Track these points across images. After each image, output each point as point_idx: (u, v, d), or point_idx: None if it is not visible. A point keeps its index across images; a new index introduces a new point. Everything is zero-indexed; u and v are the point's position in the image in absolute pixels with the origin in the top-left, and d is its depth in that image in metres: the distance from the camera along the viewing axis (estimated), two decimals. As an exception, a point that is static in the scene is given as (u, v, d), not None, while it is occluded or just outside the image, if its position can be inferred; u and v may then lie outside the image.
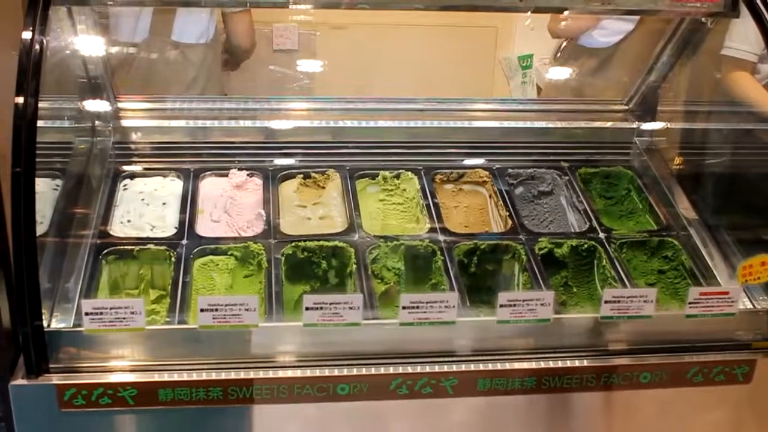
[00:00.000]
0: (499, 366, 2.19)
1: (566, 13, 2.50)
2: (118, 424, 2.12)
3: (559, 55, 4.12)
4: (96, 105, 2.73)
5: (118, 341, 2.08)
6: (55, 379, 2.03)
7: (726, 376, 2.27)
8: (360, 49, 3.91)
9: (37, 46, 2.00)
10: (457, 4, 2.33)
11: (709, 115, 3.23)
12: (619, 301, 2.16)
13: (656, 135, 2.99)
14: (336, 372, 2.13)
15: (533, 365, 2.20)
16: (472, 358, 2.19)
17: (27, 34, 2.01)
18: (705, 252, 2.55)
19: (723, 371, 2.27)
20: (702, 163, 2.98)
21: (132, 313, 1.98)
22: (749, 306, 2.36)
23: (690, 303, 2.19)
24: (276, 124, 2.86)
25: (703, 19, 2.66)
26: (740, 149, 2.95)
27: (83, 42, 2.55)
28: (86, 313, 1.98)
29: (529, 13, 3.39)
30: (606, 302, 2.16)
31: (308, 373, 2.11)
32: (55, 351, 2.05)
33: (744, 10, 2.32)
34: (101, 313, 1.98)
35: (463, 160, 2.90)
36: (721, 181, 2.80)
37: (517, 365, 2.20)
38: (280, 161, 2.81)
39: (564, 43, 4.46)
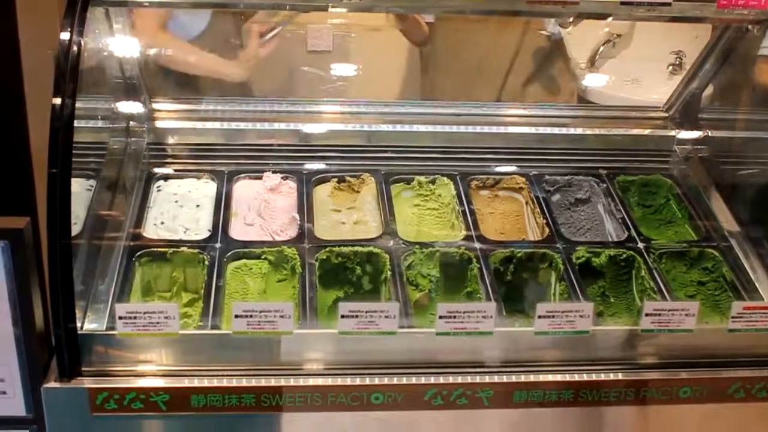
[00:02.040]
0: (534, 378, 2.15)
1: (610, 19, 2.47)
2: (150, 429, 2.10)
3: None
4: (130, 106, 2.71)
5: (151, 345, 2.07)
6: (88, 383, 2.01)
7: (768, 392, 2.22)
8: (395, 52, 3.87)
9: (75, 48, 1.99)
10: (499, 9, 2.29)
11: (752, 124, 3.17)
12: (660, 314, 2.12)
13: (696, 143, 2.94)
14: (369, 381, 2.10)
15: (570, 378, 2.16)
16: (508, 369, 2.15)
17: (65, 35, 1.99)
18: (747, 264, 2.50)
19: (766, 387, 2.21)
20: (743, 173, 2.92)
21: (166, 317, 1.96)
22: (793, 321, 2.30)
23: (733, 317, 2.14)
24: (310, 127, 2.85)
25: (749, 27, 2.61)
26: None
27: (120, 43, 2.54)
28: (120, 317, 1.96)
29: (571, 19, 3.38)
30: (647, 315, 2.12)
31: (342, 381, 2.09)
32: (88, 354, 2.03)
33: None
34: (135, 317, 1.96)
35: (499, 166, 2.86)
36: (763, 192, 2.74)
37: (553, 377, 2.16)
38: (314, 164, 2.78)
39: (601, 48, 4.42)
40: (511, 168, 2.85)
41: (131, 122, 2.71)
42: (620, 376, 2.18)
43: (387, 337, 2.05)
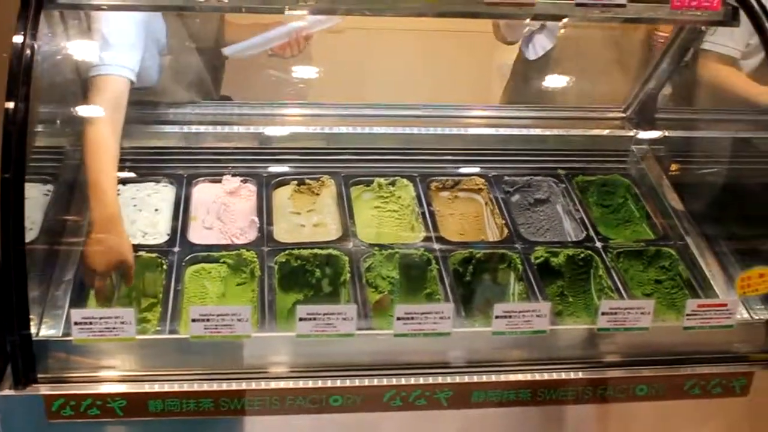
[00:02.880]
0: (494, 378, 2.16)
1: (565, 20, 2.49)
2: (108, 435, 2.09)
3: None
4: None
5: (108, 351, 2.05)
6: (43, 390, 1.99)
7: (723, 388, 2.25)
8: (356, 54, 3.88)
9: (28, 50, 1.97)
10: (455, 11, 2.30)
11: (708, 123, 3.21)
12: (616, 313, 2.14)
13: (654, 143, 2.97)
14: (329, 383, 2.10)
15: (528, 377, 2.18)
16: (466, 369, 2.16)
17: (18, 38, 1.98)
18: (702, 262, 2.53)
19: (720, 384, 2.24)
20: (700, 172, 2.96)
21: (122, 323, 1.95)
22: (747, 318, 2.33)
23: (688, 315, 2.17)
24: (270, 130, 2.84)
25: (703, 28, 2.64)
26: (739, 158, 2.93)
27: (75, 46, 2.51)
28: (75, 323, 1.94)
29: (528, 20, 3.39)
30: (603, 314, 2.13)
31: (301, 384, 2.09)
32: (44, 361, 2.01)
33: (743, 18, 2.30)
34: (91, 323, 1.94)
35: (459, 167, 2.87)
36: (719, 191, 2.77)
37: (512, 377, 2.17)
38: (274, 167, 2.78)
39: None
40: (470, 169, 2.86)
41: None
42: (578, 375, 2.20)
43: (345, 340, 2.05)
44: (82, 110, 2.47)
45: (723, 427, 2.32)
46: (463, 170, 2.86)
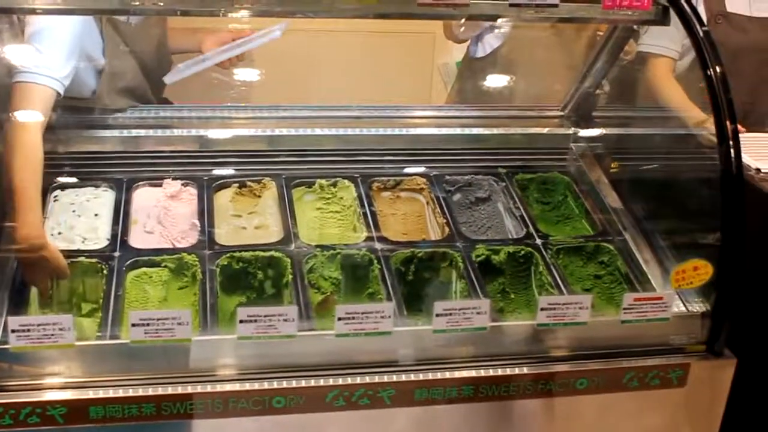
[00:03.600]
0: (437, 375, 2.18)
1: (499, 21, 2.52)
2: (49, 443, 2.07)
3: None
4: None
5: (47, 358, 2.03)
6: (-19, 399, 1.97)
7: (661, 380, 2.29)
8: (296, 56, 3.89)
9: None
10: (392, 12, 2.32)
11: (644, 121, 3.26)
12: (554, 308, 2.17)
13: (592, 140, 3.01)
14: (275, 384, 2.10)
15: (471, 374, 2.20)
16: (409, 368, 2.18)
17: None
18: (640, 257, 2.57)
19: (658, 375, 2.29)
20: (637, 168, 3.01)
21: (60, 329, 1.93)
22: (683, 310, 2.37)
23: (625, 309, 2.21)
24: (211, 133, 2.82)
25: (635, 27, 2.69)
26: (674, 154, 2.98)
27: (7, 50, 2.48)
28: (12, 330, 1.92)
29: (463, 21, 3.42)
30: (542, 309, 2.17)
31: (244, 386, 2.09)
32: (-19, 369, 1.99)
33: (674, 18, 2.35)
34: (28, 330, 1.92)
35: (400, 167, 2.88)
36: (655, 186, 2.82)
37: (455, 374, 2.19)
38: (214, 170, 2.77)
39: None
40: (411, 169, 2.88)
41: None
42: (519, 371, 2.23)
43: (288, 341, 2.05)
44: (6, 115, 2.42)
45: (662, 418, 2.37)
46: (405, 170, 2.88)
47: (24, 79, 2.41)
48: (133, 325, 1.97)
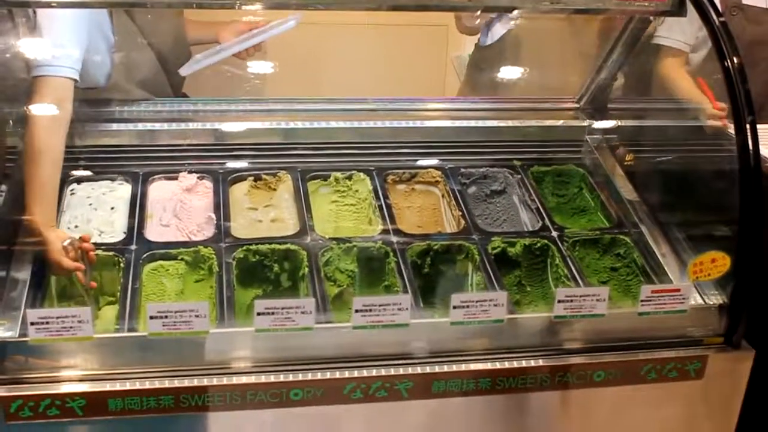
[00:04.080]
0: (453, 368, 2.18)
1: (515, 12, 2.51)
2: (68, 435, 2.08)
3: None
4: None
5: (66, 351, 2.04)
6: (1, 391, 1.98)
7: (679, 372, 2.29)
8: (311, 49, 3.88)
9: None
10: (406, 4, 2.31)
11: (659, 112, 3.25)
12: (572, 300, 2.16)
13: (607, 133, 3.00)
14: (289, 377, 2.10)
15: (488, 366, 2.20)
16: (426, 360, 2.18)
17: (-34, 38, 1.96)
18: (656, 249, 2.56)
19: (676, 368, 2.28)
20: (653, 160, 3.00)
21: (79, 321, 1.94)
22: (700, 302, 2.37)
23: (642, 301, 2.20)
24: (226, 126, 2.83)
25: (651, 18, 2.68)
26: (690, 146, 2.97)
27: (25, 44, 2.49)
28: (32, 323, 1.93)
29: (479, 12, 3.41)
30: (559, 302, 2.16)
31: (261, 379, 2.09)
32: (1, 362, 2.00)
33: (690, 9, 2.34)
34: (47, 323, 1.93)
35: (415, 160, 2.89)
36: (671, 178, 2.81)
37: (471, 366, 2.19)
38: (230, 163, 2.77)
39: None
40: (426, 162, 2.88)
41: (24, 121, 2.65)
42: (537, 363, 2.23)
43: (305, 333, 2.06)
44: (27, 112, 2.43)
45: (679, 410, 2.36)
46: (420, 163, 2.88)
47: (41, 72, 2.42)
48: (151, 317, 1.98)
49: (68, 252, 2.26)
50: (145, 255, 2.39)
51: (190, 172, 2.73)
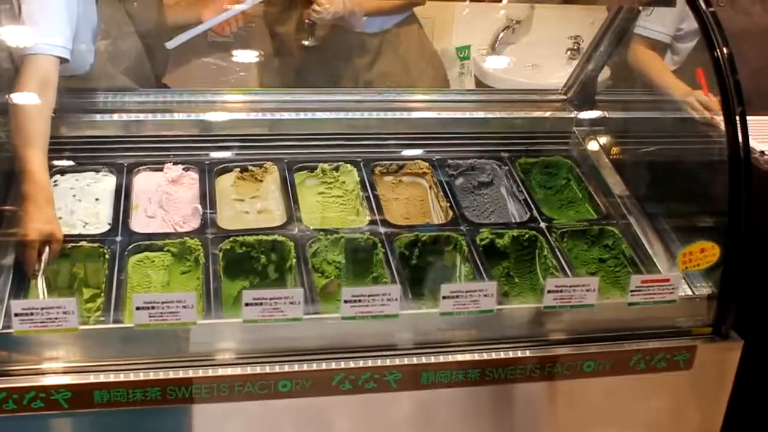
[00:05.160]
0: (442, 359, 2.17)
1: (505, 1, 2.50)
2: (53, 428, 2.05)
3: None
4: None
5: (51, 342, 2.01)
6: (-15, 384, 1.96)
7: (668, 362, 2.28)
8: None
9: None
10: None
11: (647, 104, 3.25)
12: (561, 291, 2.15)
13: (594, 124, 2.99)
14: (277, 369, 2.09)
15: (476, 357, 2.19)
16: (415, 351, 2.17)
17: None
18: (645, 240, 2.56)
19: (665, 358, 2.28)
20: (640, 152, 3.00)
21: (64, 313, 1.91)
22: (689, 293, 2.37)
23: (632, 291, 2.20)
24: (212, 117, 2.80)
25: (640, 8, 2.67)
26: (677, 137, 2.97)
27: (7, 32, 2.45)
28: (16, 314, 1.90)
29: (467, 1, 3.40)
30: (549, 292, 2.15)
31: (249, 370, 2.07)
32: (-15, 354, 1.98)
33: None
34: (32, 314, 1.90)
35: (402, 151, 2.88)
36: (659, 169, 2.81)
37: (460, 357, 2.18)
38: (216, 155, 2.75)
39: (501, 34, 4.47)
40: (414, 153, 2.87)
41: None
42: (526, 354, 2.22)
43: (293, 324, 2.04)
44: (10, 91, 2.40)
45: (668, 401, 2.36)
46: (407, 154, 2.86)
47: (25, 52, 2.39)
48: (138, 308, 1.95)
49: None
50: (130, 246, 2.36)
51: (175, 163, 2.70)
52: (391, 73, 3.49)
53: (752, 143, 2.72)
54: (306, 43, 3.38)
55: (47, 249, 2.21)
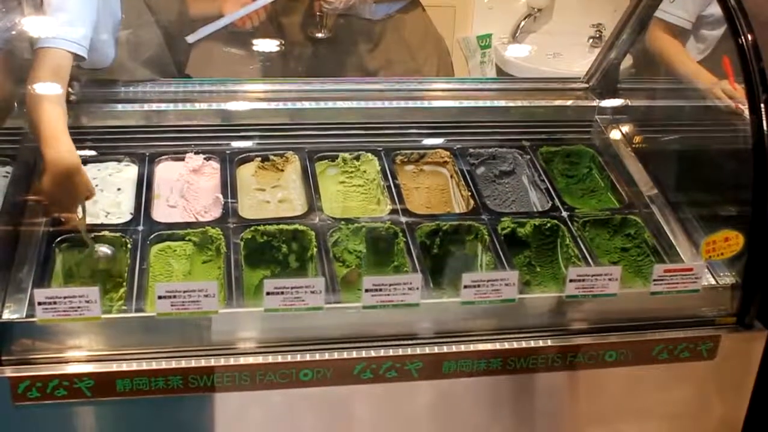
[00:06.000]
0: (463, 348, 2.16)
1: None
2: (76, 416, 2.07)
3: None
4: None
5: (74, 331, 2.02)
6: (8, 372, 1.96)
7: (691, 352, 2.27)
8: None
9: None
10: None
11: (669, 92, 3.23)
12: (583, 280, 2.14)
13: (617, 112, 2.97)
14: (298, 357, 2.09)
15: (498, 346, 2.18)
16: (436, 340, 2.16)
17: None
18: (667, 229, 2.54)
19: (688, 348, 2.26)
20: (663, 140, 2.98)
21: (87, 301, 1.92)
22: (712, 282, 2.34)
23: (654, 280, 2.18)
24: (233, 107, 2.81)
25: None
26: (700, 125, 2.95)
27: (29, 22, 2.46)
28: (39, 303, 1.91)
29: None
30: (571, 281, 2.14)
31: (270, 359, 2.07)
32: (8, 343, 1.98)
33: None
34: (55, 303, 1.92)
35: (423, 140, 2.87)
36: (682, 158, 2.79)
37: (481, 347, 2.17)
38: (237, 144, 2.75)
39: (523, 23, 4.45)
40: (435, 142, 2.86)
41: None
42: (547, 343, 2.21)
43: (314, 313, 2.04)
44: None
45: (691, 391, 2.35)
46: (428, 143, 2.86)
47: (41, 45, 2.39)
48: (160, 297, 1.96)
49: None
50: (152, 236, 2.37)
51: (196, 153, 2.71)
52: (400, 59, 3.47)
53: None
54: (320, 35, 3.36)
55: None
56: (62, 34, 2.40)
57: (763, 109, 2.20)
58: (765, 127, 2.20)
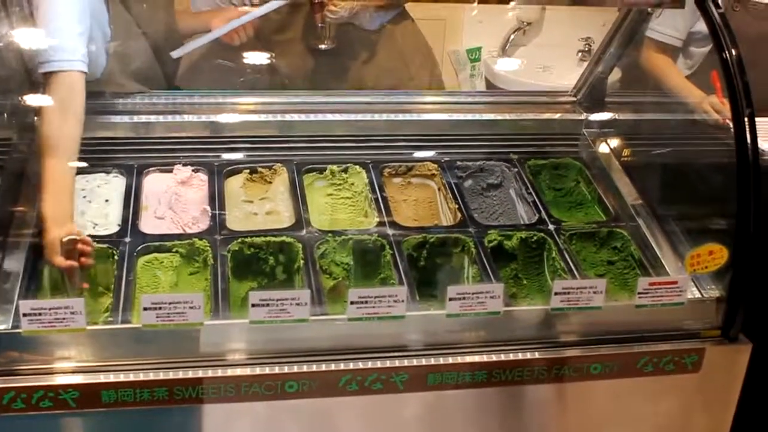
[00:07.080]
0: (449, 360, 2.17)
1: (512, 3, 2.50)
2: (61, 427, 2.06)
3: None
4: (36, 100, 2.64)
5: (59, 342, 2.02)
6: (-7, 383, 1.97)
7: (676, 365, 2.28)
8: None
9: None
10: (402, -6, 2.31)
11: (656, 106, 3.24)
12: (569, 293, 2.15)
13: (604, 126, 2.99)
14: (286, 369, 2.09)
15: (484, 358, 2.19)
16: (422, 352, 2.17)
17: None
18: (653, 242, 2.55)
19: (673, 360, 2.27)
20: (649, 154, 2.99)
21: (72, 313, 1.92)
22: (698, 295, 2.36)
23: (639, 293, 2.19)
24: (221, 119, 2.81)
25: (649, 10, 2.67)
26: (687, 139, 2.96)
27: (19, 34, 2.47)
28: (24, 314, 1.92)
29: (476, 3, 3.39)
30: (556, 294, 2.15)
31: (256, 371, 2.08)
32: (-7, 354, 1.99)
33: (689, 2, 2.33)
34: (40, 314, 1.92)
35: (411, 153, 2.87)
36: (668, 171, 2.80)
37: (467, 359, 2.18)
38: (225, 156, 2.76)
39: (512, 36, 4.46)
40: (423, 155, 2.87)
41: (36, 117, 2.63)
42: (533, 355, 2.22)
43: (300, 325, 2.04)
44: (34, 104, 2.41)
45: (676, 403, 2.36)
46: (416, 156, 2.86)
47: (49, 69, 2.39)
48: (145, 308, 1.96)
49: (66, 247, 2.23)
50: (139, 247, 2.37)
51: (185, 164, 2.71)
52: (395, 69, 3.48)
53: (762, 145, 2.72)
54: (323, 47, 3.37)
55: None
56: (68, 55, 2.41)
57: (746, 124, 2.22)
58: (749, 141, 2.23)
